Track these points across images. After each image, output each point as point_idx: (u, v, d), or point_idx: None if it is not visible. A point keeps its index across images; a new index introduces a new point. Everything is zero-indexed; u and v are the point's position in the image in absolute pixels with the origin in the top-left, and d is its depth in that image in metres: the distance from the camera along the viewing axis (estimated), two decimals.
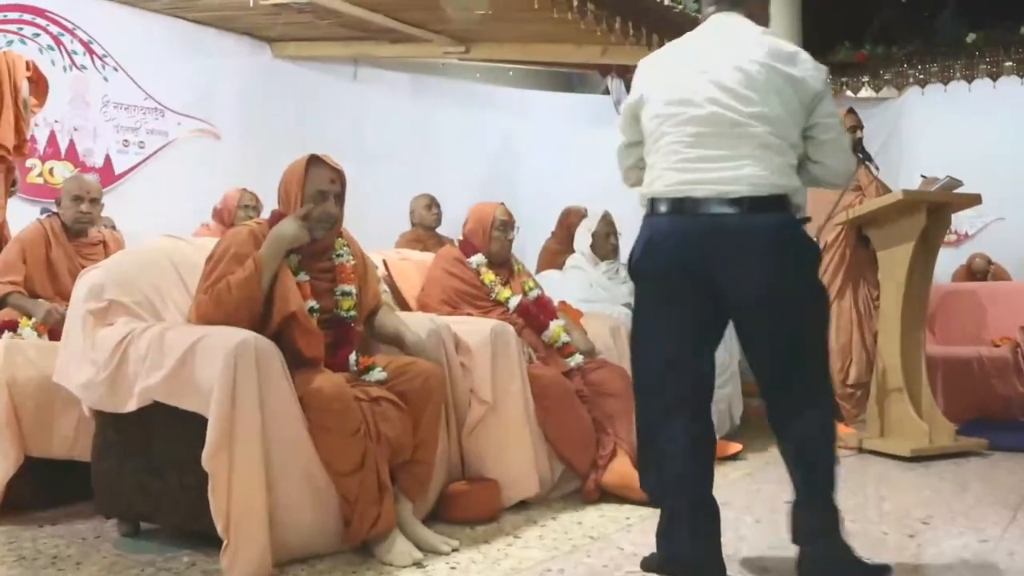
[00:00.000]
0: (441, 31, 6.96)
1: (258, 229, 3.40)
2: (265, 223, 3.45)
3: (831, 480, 2.99)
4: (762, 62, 2.79)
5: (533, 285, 4.60)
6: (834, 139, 2.91)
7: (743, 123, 2.77)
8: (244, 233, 3.38)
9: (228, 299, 3.16)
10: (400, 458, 3.31)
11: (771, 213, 2.79)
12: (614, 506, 4.02)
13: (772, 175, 2.78)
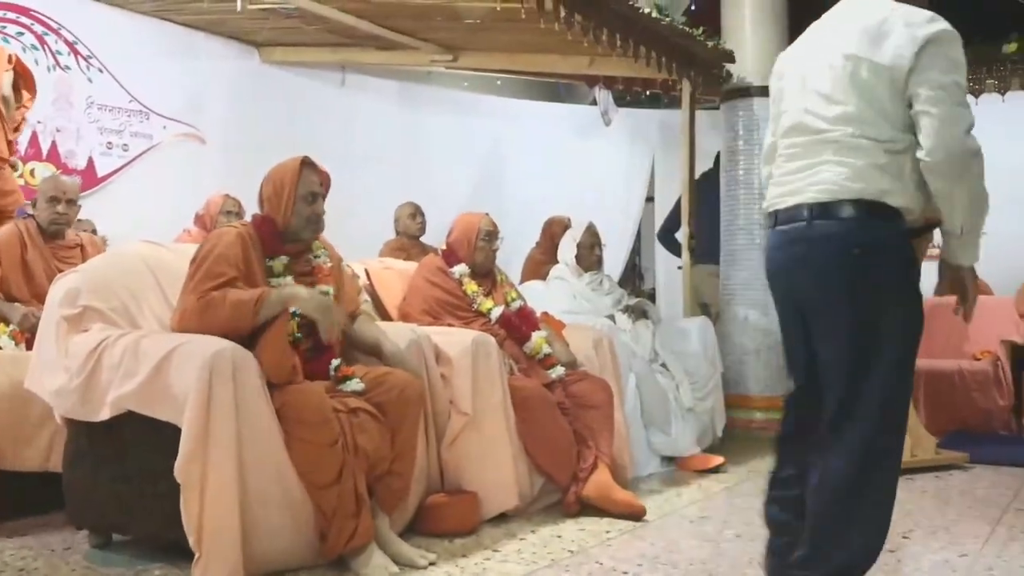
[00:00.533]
0: (428, 39, 6.93)
1: (244, 231, 3.39)
2: (250, 225, 3.45)
3: (814, 555, 2.53)
4: (849, 54, 2.53)
5: (515, 296, 4.58)
6: (926, 111, 2.45)
7: (825, 129, 2.55)
8: (231, 235, 3.36)
9: (217, 313, 3.13)
10: (378, 471, 3.27)
11: (836, 219, 2.51)
12: (594, 519, 4.01)
13: (848, 179, 2.49)
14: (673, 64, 6.27)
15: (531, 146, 8.95)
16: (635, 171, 9.40)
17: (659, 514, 4.15)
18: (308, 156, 3.54)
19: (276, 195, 3.46)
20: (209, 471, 2.85)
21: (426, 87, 8.63)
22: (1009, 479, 4.99)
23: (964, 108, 2.47)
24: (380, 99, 8.24)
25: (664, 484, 4.85)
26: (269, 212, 3.48)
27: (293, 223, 3.46)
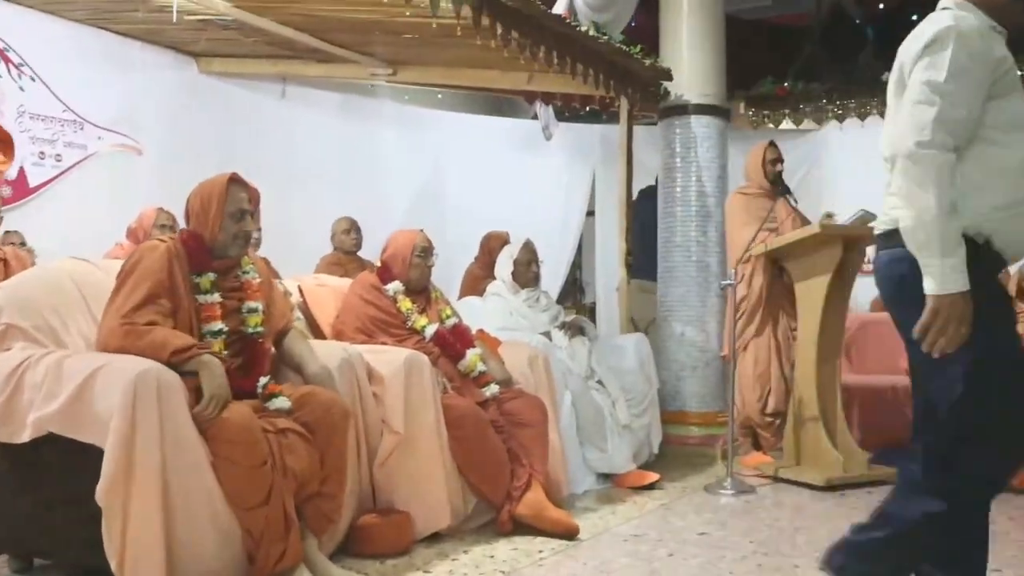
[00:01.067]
0: (368, 53, 6.91)
1: (172, 246, 3.35)
2: (179, 240, 3.40)
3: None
4: (895, 76, 2.51)
5: (450, 313, 4.56)
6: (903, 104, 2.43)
7: (886, 149, 2.48)
8: (158, 249, 3.31)
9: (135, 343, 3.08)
10: (307, 491, 3.24)
11: (886, 249, 2.49)
12: (527, 538, 4.00)
13: (893, 207, 2.42)
14: (611, 81, 6.31)
15: (472, 160, 8.93)
16: (576, 185, 9.41)
17: (593, 532, 4.15)
18: (236, 173, 3.48)
19: (203, 211, 3.41)
20: (133, 495, 2.80)
21: (368, 100, 8.59)
22: None
23: (923, 105, 2.35)
24: (321, 111, 8.17)
25: (599, 501, 4.86)
26: (196, 228, 3.43)
27: (220, 240, 3.41)
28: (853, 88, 8.35)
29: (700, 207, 6.77)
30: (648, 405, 5.59)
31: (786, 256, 5.52)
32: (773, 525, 4.34)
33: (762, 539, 4.06)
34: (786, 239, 5.44)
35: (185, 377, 3.02)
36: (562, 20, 5.60)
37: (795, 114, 8.54)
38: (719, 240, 6.62)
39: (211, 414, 3.00)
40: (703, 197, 6.76)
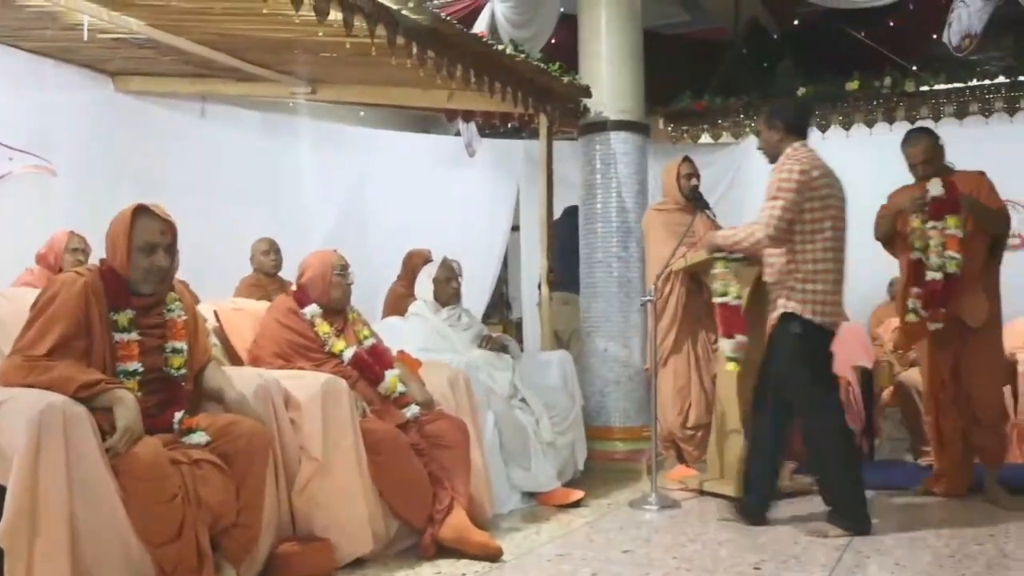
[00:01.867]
0: (287, 71, 6.85)
1: (90, 280, 3.26)
2: (96, 271, 3.32)
3: None
4: None
5: (368, 334, 4.53)
6: None
7: None
8: (76, 285, 3.23)
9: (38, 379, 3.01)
10: (223, 523, 3.19)
11: None
12: (451, 561, 3.98)
13: None
14: (530, 99, 6.32)
15: (396, 177, 8.88)
16: (500, 201, 9.43)
17: (517, 553, 4.14)
18: (144, 203, 3.38)
19: (112, 246, 3.34)
20: (38, 534, 2.73)
21: (289, 117, 8.50)
22: None
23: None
24: (241, 130, 8.05)
25: (524, 521, 4.85)
26: (109, 261, 3.35)
27: (132, 276, 3.33)
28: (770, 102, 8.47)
29: (621, 223, 6.81)
30: (572, 422, 5.61)
31: (705, 271, 5.56)
32: (696, 539, 4.37)
33: (686, 555, 4.08)
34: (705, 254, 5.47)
35: (95, 412, 2.96)
36: (479, 39, 5.61)
37: (713, 129, 8.65)
38: (640, 256, 6.65)
39: (122, 448, 2.94)
40: (624, 213, 6.80)
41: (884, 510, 4.95)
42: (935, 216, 4.99)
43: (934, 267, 4.98)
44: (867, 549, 4.12)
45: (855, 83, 8.06)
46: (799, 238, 4.50)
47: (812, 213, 4.47)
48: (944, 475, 5.22)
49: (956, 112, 7.79)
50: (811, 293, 4.48)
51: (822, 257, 4.48)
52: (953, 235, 4.95)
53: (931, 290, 5.00)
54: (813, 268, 4.48)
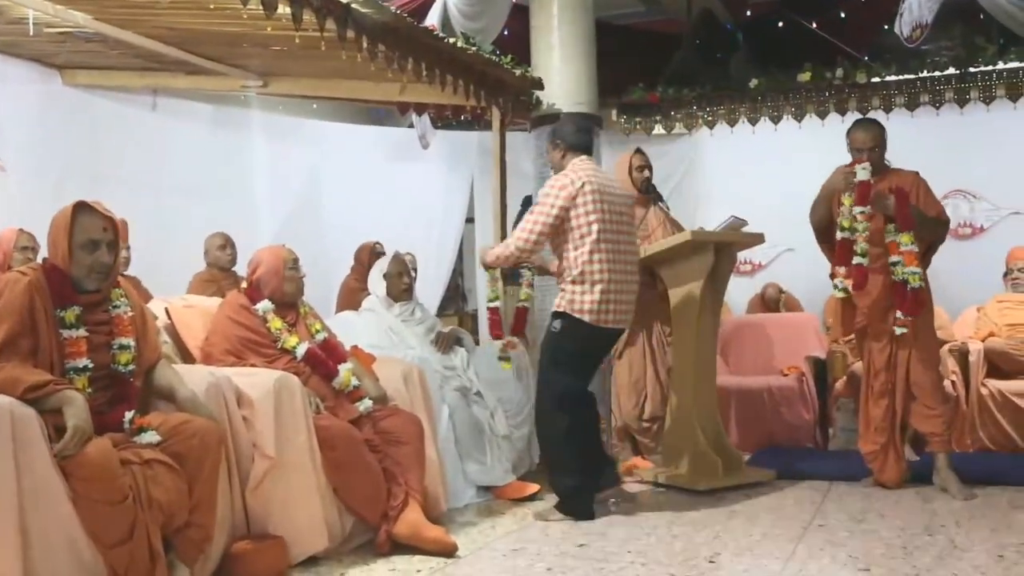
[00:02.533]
0: (238, 65, 6.79)
1: (35, 279, 3.21)
2: (40, 269, 3.27)
3: None
4: None
5: (320, 327, 4.50)
6: None
7: None
8: (20, 284, 3.19)
9: None
10: (175, 523, 3.17)
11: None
12: (406, 557, 3.98)
13: None
14: (482, 92, 6.32)
15: (349, 170, 8.86)
16: (455, 192, 9.42)
17: (472, 548, 4.14)
18: (85, 200, 3.34)
19: (53, 244, 3.29)
20: None
21: (241, 110, 8.43)
22: (812, 493, 5.18)
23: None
24: (193, 123, 7.99)
25: (479, 515, 4.85)
26: (51, 260, 3.30)
27: (75, 273, 3.29)
28: (723, 94, 8.55)
29: None
30: (527, 415, 5.60)
31: (659, 263, 5.58)
32: (652, 533, 4.38)
33: (640, 548, 4.09)
34: (659, 246, 5.50)
35: (44, 414, 2.92)
36: (430, 33, 5.60)
37: (667, 120, 8.69)
38: None
39: (73, 450, 2.90)
40: None
41: (836, 501, 4.99)
42: (860, 201, 5.05)
43: (860, 252, 5.08)
44: (820, 541, 4.14)
45: (807, 74, 8.15)
46: (569, 244, 4.72)
47: (577, 219, 4.68)
48: (873, 463, 5.26)
49: (907, 103, 7.88)
50: (579, 293, 4.68)
51: (589, 259, 4.64)
52: (910, 251, 5.03)
53: (858, 274, 5.10)
54: (580, 271, 4.65)
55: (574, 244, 4.68)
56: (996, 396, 6.26)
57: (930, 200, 5.19)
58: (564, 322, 4.72)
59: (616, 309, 4.72)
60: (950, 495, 5.00)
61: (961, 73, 7.78)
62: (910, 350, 5.15)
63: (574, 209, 4.65)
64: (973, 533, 4.21)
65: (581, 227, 4.65)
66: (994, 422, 6.25)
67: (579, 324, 4.67)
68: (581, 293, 4.65)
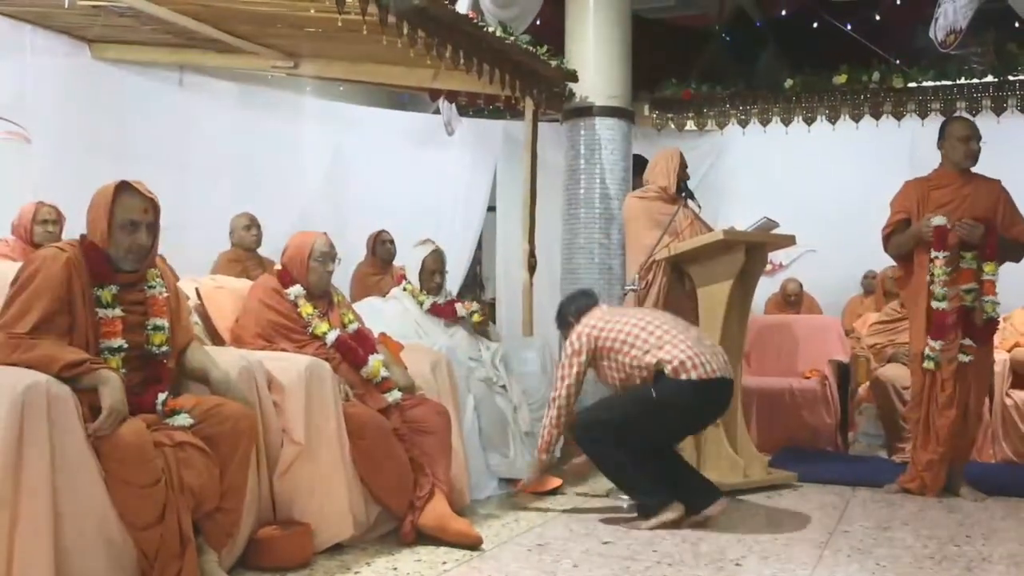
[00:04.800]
0: (269, 45, 6.75)
1: (73, 256, 3.17)
2: (78, 246, 3.24)
3: None
4: None
5: (353, 318, 4.46)
6: None
7: None
8: (59, 260, 3.14)
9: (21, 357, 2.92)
10: (205, 507, 3.14)
11: None
12: (431, 549, 3.95)
13: None
14: (516, 82, 6.27)
15: (373, 154, 8.80)
16: (477, 180, 9.37)
17: (497, 542, 4.11)
18: (127, 180, 3.29)
19: (94, 222, 3.25)
20: (20, 516, 2.66)
21: (267, 90, 8.37)
22: (835, 498, 5.15)
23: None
24: (219, 101, 7.93)
25: (502, 508, 4.82)
26: (90, 238, 3.27)
27: (113, 253, 3.25)
28: (756, 93, 8.48)
29: (604, 209, 6.77)
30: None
31: (688, 261, 5.54)
32: (676, 533, 4.33)
33: (666, 549, 4.06)
34: (690, 244, 5.45)
35: (79, 393, 2.89)
36: (469, 20, 5.55)
37: (699, 117, 8.63)
38: (622, 243, 6.61)
39: (108, 430, 2.88)
40: (607, 200, 6.76)
41: (861, 507, 4.96)
42: (939, 247, 5.04)
43: (939, 297, 5.05)
44: (847, 548, 4.11)
45: (843, 76, 8.08)
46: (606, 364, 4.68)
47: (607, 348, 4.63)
48: (926, 472, 5.21)
49: (943, 110, 7.82)
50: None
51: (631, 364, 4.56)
52: (991, 280, 5.05)
53: (941, 322, 5.07)
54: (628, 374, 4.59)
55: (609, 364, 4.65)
56: (1021, 407, 6.22)
57: (1015, 217, 5.18)
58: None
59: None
60: (961, 497, 5.11)
61: (1000, 81, 7.72)
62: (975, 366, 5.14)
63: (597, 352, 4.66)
64: (1001, 546, 4.18)
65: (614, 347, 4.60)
66: (1018, 434, 6.21)
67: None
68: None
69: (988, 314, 5.03)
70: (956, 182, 5.17)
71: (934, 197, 5.18)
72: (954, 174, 5.19)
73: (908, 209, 5.24)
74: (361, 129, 8.89)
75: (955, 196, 5.14)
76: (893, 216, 5.30)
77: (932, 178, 5.27)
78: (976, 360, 5.09)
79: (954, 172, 5.19)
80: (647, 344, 4.50)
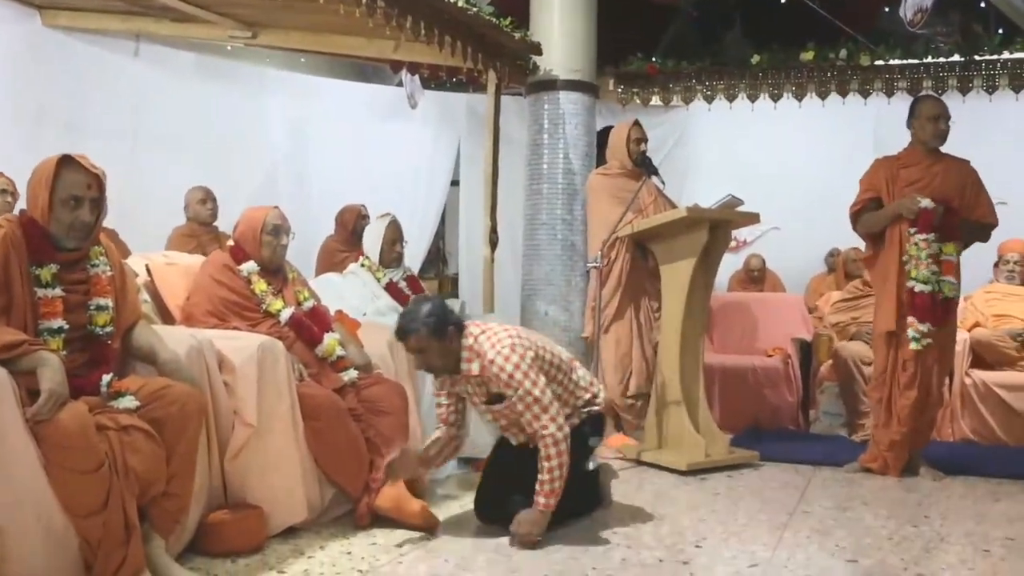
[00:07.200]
0: (227, 14, 6.60)
1: (10, 232, 3.05)
2: (16, 222, 3.12)
3: None
4: None
5: (308, 295, 4.36)
6: None
7: None
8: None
9: None
10: (151, 493, 3.04)
11: None
12: (387, 531, 3.88)
13: None
14: (479, 55, 6.16)
15: (334, 126, 8.65)
16: (441, 154, 9.25)
17: (454, 523, 4.06)
18: (70, 153, 3.16)
19: (34, 198, 3.12)
20: None
21: (225, 60, 8.21)
22: (796, 477, 5.13)
23: None
24: (176, 71, 7.73)
25: (461, 487, 4.76)
26: (30, 213, 3.14)
27: (54, 230, 3.13)
28: (722, 69, 8.43)
29: (567, 185, 6.70)
30: None
31: (651, 238, 5.49)
32: (638, 514, 4.29)
33: (625, 531, 4.01)
34: (653, 221, 5.40)
35: (17, 375, 2.78)
36: None
37: (664, 92, 8.57)
38: (585, 219, 6.55)
39: (47, 415, 2.77)
40: (570, 175, 6.69)
41: (821, 486, 4.94)
42: (925, 229, 5.00)
43: (921, 279, 5.01)
44: (807, 529, 4.08)
45: (810, 53, 8.06)
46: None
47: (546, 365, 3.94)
48: (888, 452, 5.20)
49: (910, 88, 7.84)
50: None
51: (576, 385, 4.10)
52: (950, 260, 5.02)
53: (921, 304, 5.02)
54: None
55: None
56: (979, 387, 6.23)
57: (980, 198, 5.13)
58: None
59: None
60: (921, 477, 5.14)
61: (965, 61, 7.75)
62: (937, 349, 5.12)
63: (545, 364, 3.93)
64: (958, 525, 4.18)
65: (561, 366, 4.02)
66: (977, 413, 6.22)
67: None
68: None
69: (946, 295, 5.00)
70: (925, 161, 5.14)
71: (903, 175, 5.15)
72: (923, 153, 5.16)
73: (877, 187, 5.21)
74: (323, 101, 8.73)
75: (924, 175, 5.11)
76: (862, 194, 5.26)
77: (902, 156, 5.23)
78: (937, 341, 5.07)
79: (923, 151, 5.16)
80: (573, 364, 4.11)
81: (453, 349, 3.76)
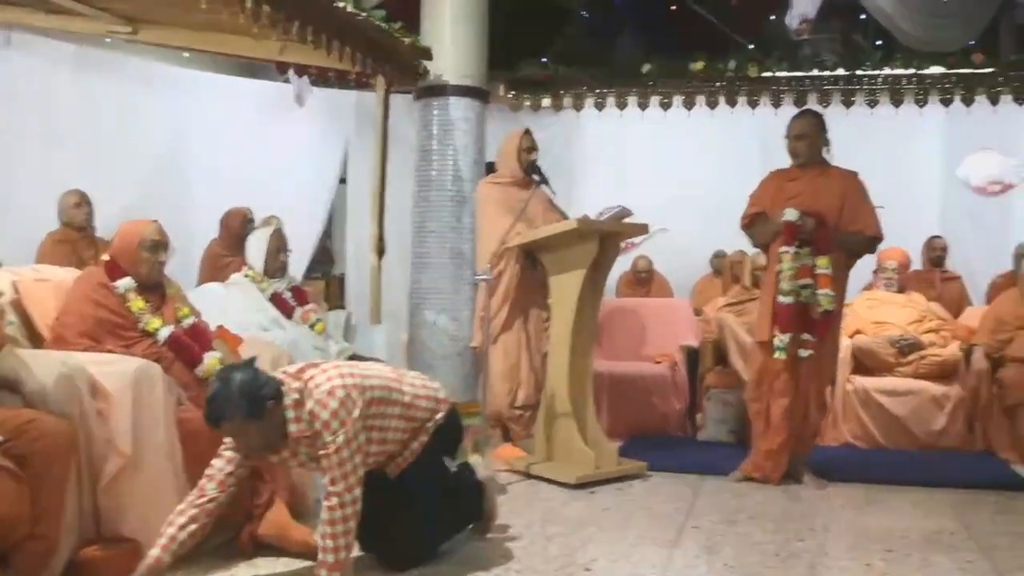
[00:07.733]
0: (106, 8, 6.32)
1: None
2: None
3: None
4: None
5: (188, 312, 4.20)
6: None
7: None
8: None
9: None
10: (14, 536, 2.89)
11: None
12: (271, 559, 3.77)
13: None
14: (368, 59, 6.04)
15: (219, 123, 8.37)
16: (328, 152, 9.07)
17: None
18: None
19: None
20: None
21: (106, 53, 7.87)
22: (684, 489, 5.18)
23: None
24: (51, 64, 7.38)
25: None
26: None
27: None
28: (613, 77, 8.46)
29: (456, 192, 6.63)
30: None
31: (541, 249, 5.46)
32: (527, 533, 4.25)
33: (515, 551, 3.97)
34: (543, 232, 5.37)
35: None
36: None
37: (555, 99, 8.57)
38: (474, 227, 6.49)
39: None
40: (459, 182, 6.62)
41: (708, 498, 4.99)
42: (788, 241, 5.08)
43: (783, 292, 5.08)
44: (696, 547, 4.10)
45: (700, 64, 8.13)
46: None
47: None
48: (767, 461, 5.28)
49: (796, 100, 7.99)
50: None
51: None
52: (825, 274, 5.07)
53: (784, 313, 5.09)
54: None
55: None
56: (860, 392, 6.37)
57: (862, 209, 5.20)
58: None
59: None
60: (804, 485, 5.25)
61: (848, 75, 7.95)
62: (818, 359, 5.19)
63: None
64: (841, 538, 4.30)
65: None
66: (856, 418, 6.37)
67: None
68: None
69: (824, 307, 5.07)
70: (810, 174, 5.22)
71: (788, 188, 5.23)
72: (809, 166, 5.23)
73: (762, 202, 5.29)
74: (207, 96, 8.47)
75: (806, 188, 5.19)
76: (749, 209, 5.34)
77: (791, 170, 5.31)
78: (815, 353, 5.13)
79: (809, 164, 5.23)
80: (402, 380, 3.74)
81: (276, 422, 3.30)
